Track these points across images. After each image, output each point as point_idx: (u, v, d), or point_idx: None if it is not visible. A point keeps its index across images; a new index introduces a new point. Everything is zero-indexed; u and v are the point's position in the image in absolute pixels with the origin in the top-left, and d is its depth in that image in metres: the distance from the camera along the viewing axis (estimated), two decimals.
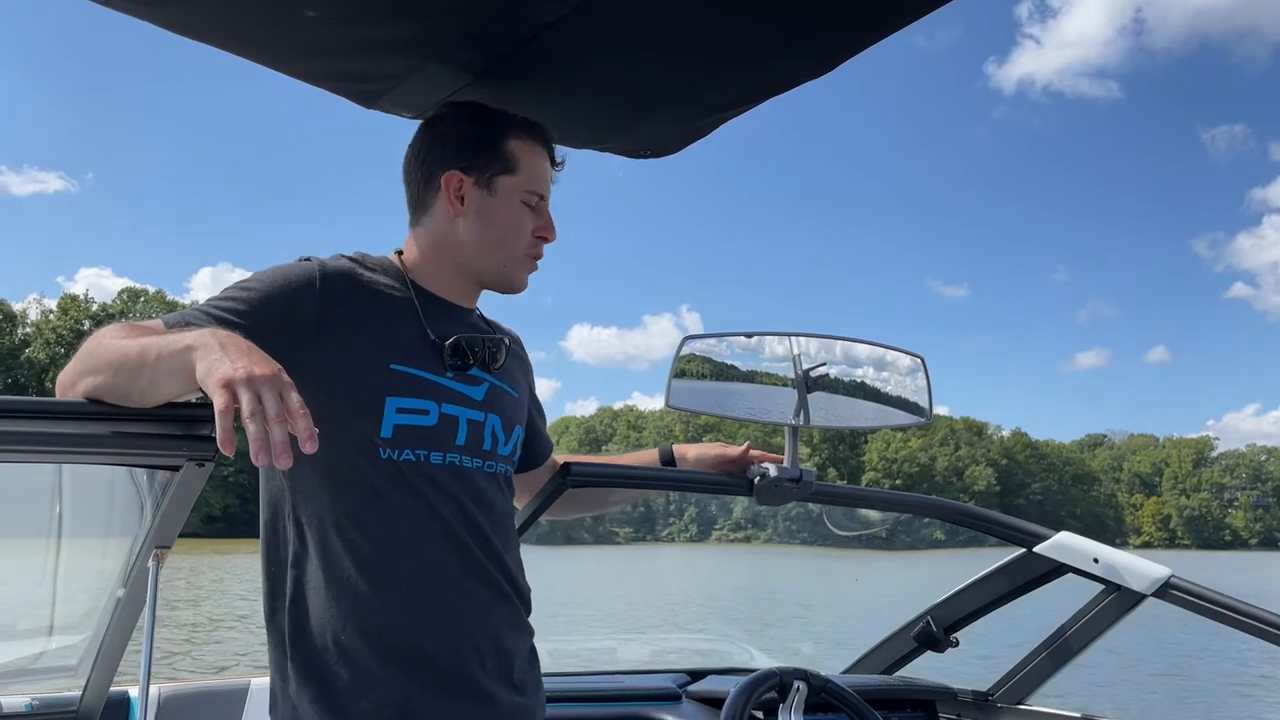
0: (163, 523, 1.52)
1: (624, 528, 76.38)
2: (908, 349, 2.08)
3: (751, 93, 1.80)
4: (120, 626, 1.80)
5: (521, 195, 1.60)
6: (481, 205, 1.59)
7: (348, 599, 1.45)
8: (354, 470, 1.47)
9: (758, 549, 32.80)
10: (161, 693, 2.22)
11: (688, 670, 2.58)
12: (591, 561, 38.68)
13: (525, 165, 1.60)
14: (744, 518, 51.12)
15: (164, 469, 1.42)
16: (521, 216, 1.61)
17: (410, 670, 1.45)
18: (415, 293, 1.57)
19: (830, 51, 1.64)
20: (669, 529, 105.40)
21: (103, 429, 1.31)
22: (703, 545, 33.29)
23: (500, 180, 1.59)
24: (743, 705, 1.83)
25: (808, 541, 26.83)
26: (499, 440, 1.60)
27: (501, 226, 1.60)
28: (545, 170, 1.64)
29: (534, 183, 1.61)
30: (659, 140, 2.00)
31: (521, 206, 1.61)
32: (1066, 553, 2.29)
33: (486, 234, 1.60)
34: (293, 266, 1.52)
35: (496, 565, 1.56)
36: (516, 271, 1.63)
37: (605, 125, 1.94)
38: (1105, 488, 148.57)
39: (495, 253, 1.61)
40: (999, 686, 2.47)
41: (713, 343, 2.02)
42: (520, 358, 1.77)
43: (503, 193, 1.59)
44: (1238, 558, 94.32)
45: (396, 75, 1.70)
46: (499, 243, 1.60)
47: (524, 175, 1.60)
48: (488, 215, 1.59)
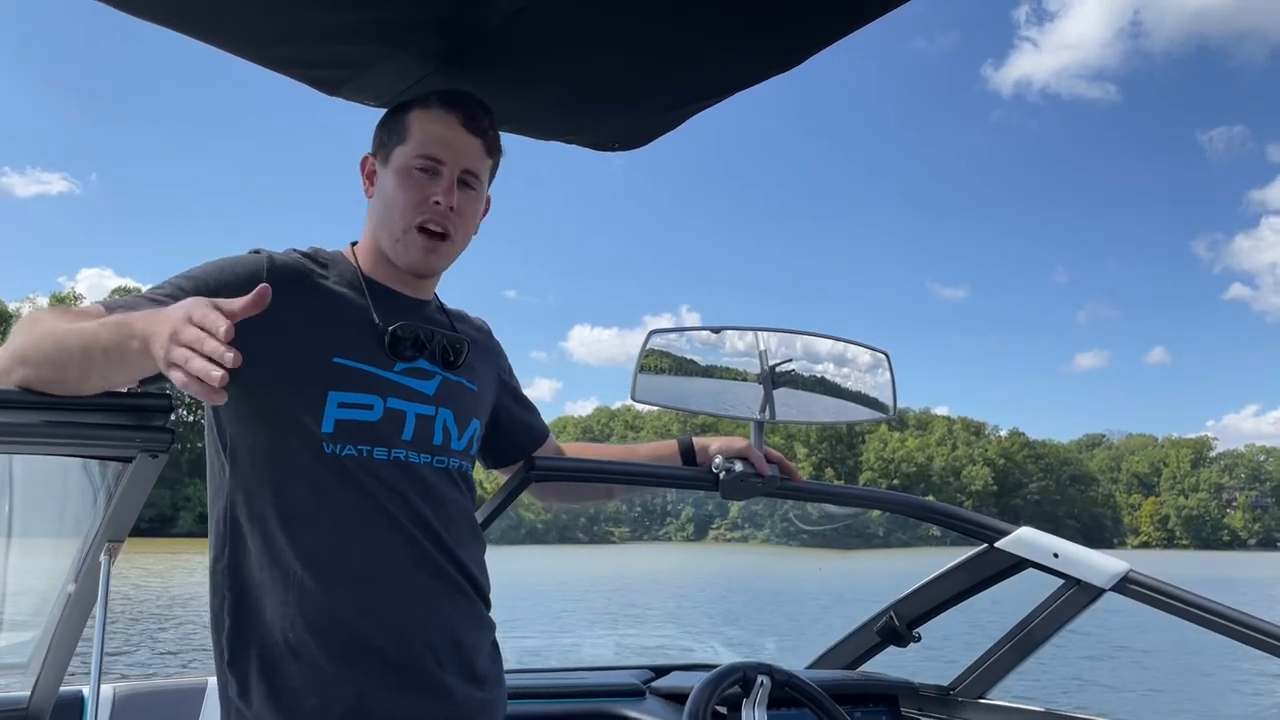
0: (115, 516, 1.50)
1: (619, 527, 76.20)
2: (872, 344, 2.08)
3: (719, 86, 1.79)
4: (71, 623, 1.76)
5: (412, 161, 1.52)
6: (381, 182, 1.55)
7: (294, 595, 1.43)
8: (297, 465, 1.44)
9: (754, 549, 32.85)
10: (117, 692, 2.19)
11: (652, 666, 2.57)
12: (589, 559, 38.65)
13: (418, 131, 1.53)
14: (740, 518, 51.50)
15: (116, 460, 1.40)
16: (406, 184, 1.52)
17: (362, 666, 1.43)
18: (365, 285, 1.54)
19: (797, 45, 1.64)
20: (666, 528, 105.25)
21: (53, 419, 1.28)
22: (700, 545, 33.38)
23: (395, 152, 1.54)
24: (706, 700, 1.83)
25: (807, 543, 26.92)
26: (451, 435, 1.56)
27: (388, 197, 1.54)
28: (444, 134, 1.53)
29: (426, 146, 1.52)
30: (626, 133, 1.99)
31: (410, 174, 1.52)
32: (1027, 548, 2.31)
33: (377, 208, 1.56)
34: (241, 258, 1.49)
35: (449, 559, 1.53)
36: (407, 247, 1.53)
37: (572, 117, 1.92)
38: (1103, 488, 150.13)
39: (387, 228, 1.54)
40: (960, 681, 2.49)
41: (678, 337, 2.01)
42: (486, 348, 1.74)
43: (394, 163, 1.54)
44: (1235, 558, 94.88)
45: (359, 63, 1.67)
46: (386, 215, 1.54)
47: (414, 141, 1.52)
48: (382, 190, 1.55)
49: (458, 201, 1.53)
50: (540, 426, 1.87)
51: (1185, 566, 52.09)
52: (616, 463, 1.98)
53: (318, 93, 1.77)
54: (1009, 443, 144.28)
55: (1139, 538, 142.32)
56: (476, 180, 1.57)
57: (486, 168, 1.60)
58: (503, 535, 2.07)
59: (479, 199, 1.59)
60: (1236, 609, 2.04)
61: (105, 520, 1.51)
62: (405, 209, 1.52)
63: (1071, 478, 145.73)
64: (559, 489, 1.97)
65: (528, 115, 1.87)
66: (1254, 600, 23.90)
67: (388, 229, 1.54)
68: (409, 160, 1.52)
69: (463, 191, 1.54)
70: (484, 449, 1.76)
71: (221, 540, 1.48)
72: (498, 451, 1.82)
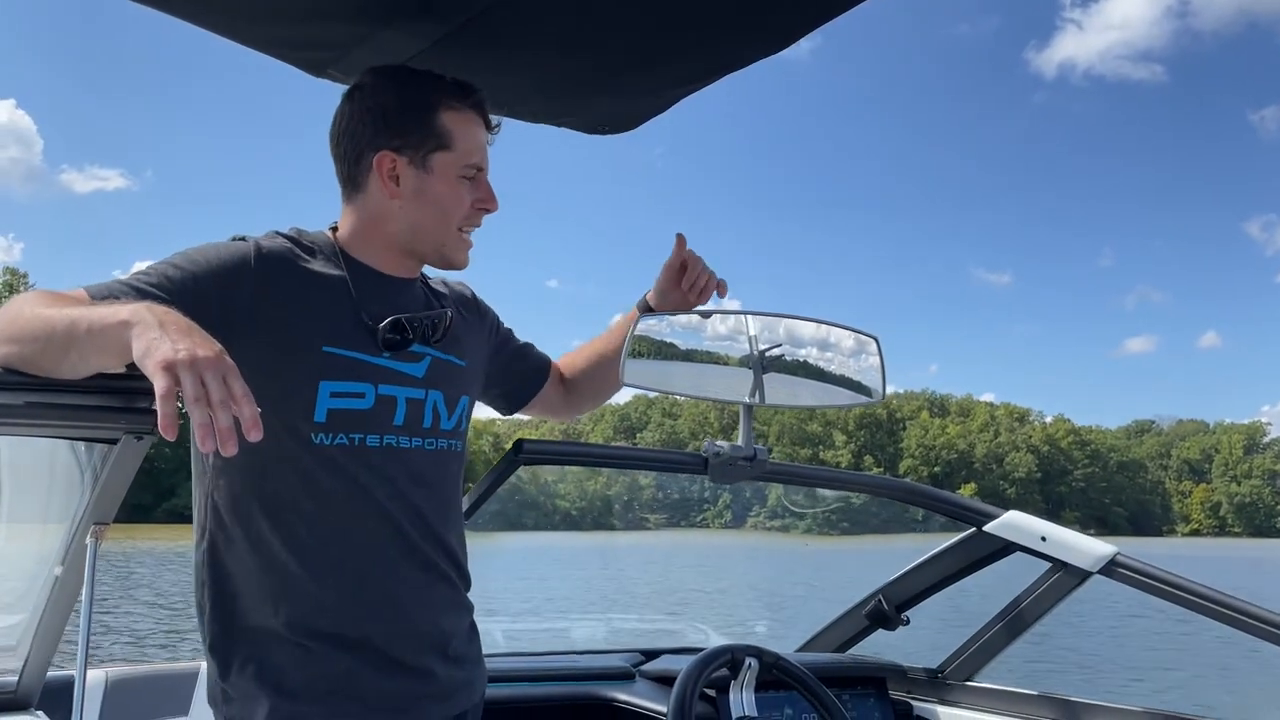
0: (100, 498, 1.49)
1: (655, 514, 75.87)
2: (861, 328, 2.08)
3: (708, 68, 1.79)
4: (59, 605, 1.76)
5: (459, 170, 1.53)
6: (419, 186, 1.52)
7: (280, 584, 1.43)
8: (285, 455, 1.43)
9: (795, 539, 32.46)
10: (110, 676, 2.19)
11: (642, 650, 2.58)
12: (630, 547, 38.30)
13: (461, 138, 1.52)
14: (779, 506, 51.39)
15: (101, 441, 1.39)
16: (460, 194, 1.54)
17: (348, 650, 1.44)
18: (350, 270, 1.53)
19: (786, 27, 1.63)
20: (703, 514, 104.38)
21: (37, 400, 1.27)
22: (738, 533, 32.93)
23: (436, 158, 1.51)
24: (694, 682, 1.83)
25: (849, 531, 26.33)
26: (441, 416, 1.56)
27: (440, 207, 1.53)
28: (481, 140, 1.56)
29: (472, 155, 1.54)
30: (615, 116, 1.99)
31: (460, 182, 1.54)
32: (1015, 531, 2.32)
33: (424, 215, 1.53)
34: (227, 245, 1.47)
35: (434, 546, 1.54)
36: (456, 250, 1.58)
37: (561, 99, 1.91)
38: (1152, 475, 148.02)
39: (435, 233, 1.55)
40: (949, 663, 2.50)
41: (669, 320, 2.01)
42: (471, 314, 1.73)
43: (439, 171, 1.52)
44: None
45: (345, 42, 1.66)
46: (438, 223, 1.54)
47: (460, 149, 1.52)
48: (425, 196, 1.52)
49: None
50: (540, 368, 1.89)
51: (1238, 554, 50.88)
52: (606, 447, 2.00)
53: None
54: (1054, 429, 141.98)
55: (1189, 525, 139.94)
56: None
57: None
58: (538, 522, 2.07)
59: None
60: (1224, 592, 2.05)
61: (91, 502, 1.51)
62: (460, 217, 1.55)
63: (1119, 465, 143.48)
64: (569, 398, 1.95)
65: (516, 98, 1.86)
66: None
67: (435, 234, 1.55)
68: (459, 170, 1.53)
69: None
70: (496, 401, 1.85)
71: (205, 528, 1.48)
72: (509, 400, 1.88)
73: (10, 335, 1.25)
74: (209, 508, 1.47)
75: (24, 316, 1.25)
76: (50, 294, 1.30)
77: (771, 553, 31.33)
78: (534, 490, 57.34)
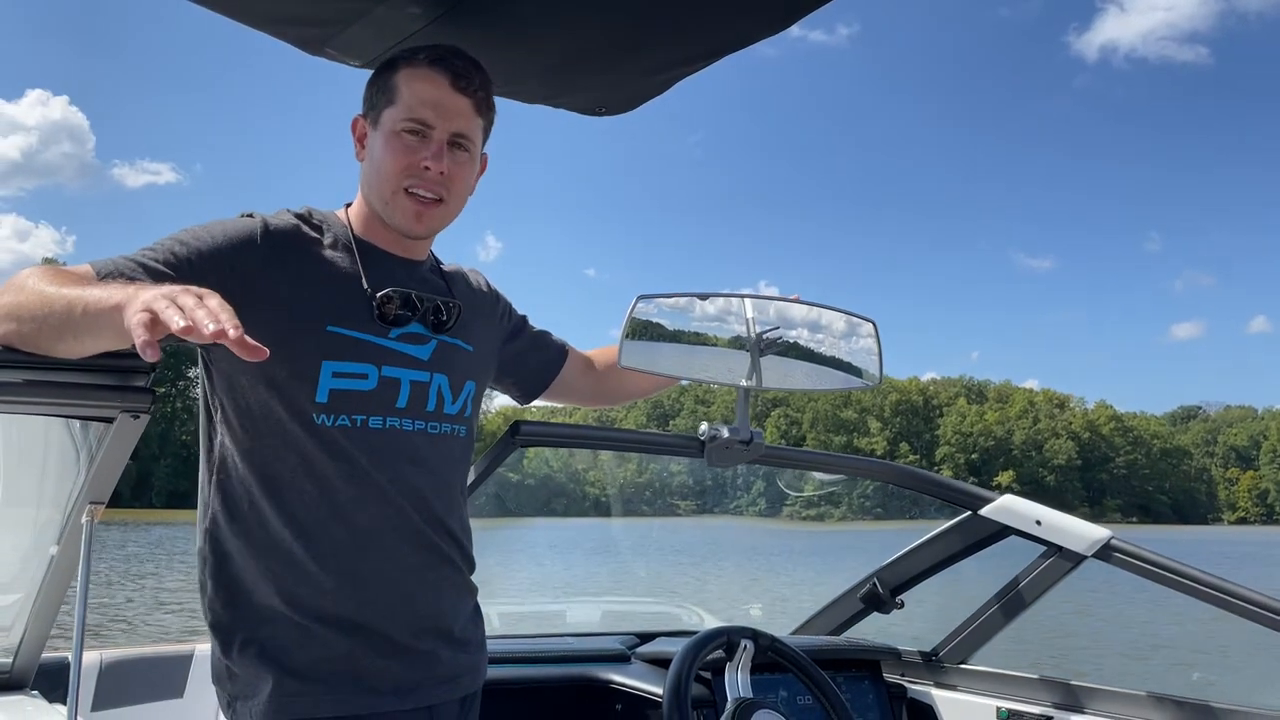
0: (97, 477, 1.49)
1: (685, 500, 75.68)
2: (859, 313, 2.08)
3: (707, 49, 1.78)
4: (54, 585, 1.76)
5: (400, 125, 1.48)
6: (371, 144, 1.52)
7: (281, 564, 1.43)
8: (288, 435, 1.43)
9: (832, 528, 32.35)
10: (104, 659, 2.20)
11: (638, 633, 2.59)
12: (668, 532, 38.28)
13: (407, 93, 1.48)
14: (815, 495, 50.74)
15: (97, 420, 1.38)
16: (395, 148, 1.48)
17: (347, 633, 1.44)
18: (358, 248, 1.52)
19: (785, 7, 1.62)
20: (736, 502, 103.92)
21: (33, 378, 1.27)
22: (773, 521, 32.93)
23: (385, 114, 1.50)
24: (690, 663, 1.84)
25: (881, 517, 26.01)
26: (445, 400, 1.55)
27: (378, 161, 1.50)
28: (433, 96, 1.48)
29: (414, 110, 1.47)
30: (613, 97, 1.97)
31: (398, 137, 1.48)
32: (1010, 515, 2.32)
33: (369, 172, 1.52)
34: (234, 222, 1.46)
35: (436, 529, 1.53)
36: (396, 210, 1.50)
37: (557, 80, 1.90)
38: (1197, 462, 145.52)
39: (377, 191, 1.51)
40: (943, 646, 2.51)
41: (666, 302, 2.00)
42: (483, 301, 1.72)
43: (384, 126, 1.50)
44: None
45: (342, 19, 1.65)
46: (378, 180, 1.50)
47: (403, 104, 1.48)
48: (372, 154, 1.52)
49: (448, 165, 1.49)
50: (554, 357, 1.90)
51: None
52: (604, 429, 2.00)
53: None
54: (1095, 415, 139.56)
55: (1236, 513, 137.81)
56: (468, 141, 1.53)
57: (478, 128, 1.55)
58: (567, 508, 2.08)
59: (472, 160, 1.55)
60: (1217, 575, 2.06)
61: (87, 482, 1.50)
62: (393, 174, 1.48)
63: (1163, 452, 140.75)
64: (601, 388, 1.99)
65: (513, 78, 1.84)
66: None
67: (378, 193, 1.51)
68: (397, 124, 1.48)
69: (453, 154, 1.50)
70: (511, 389, 1.85)
71: (209, 506, 1.48)
72: (523, 389, 1.88)
73: (9, 312, 1.25)
74: (213, 486, 1.47)
75: (25, 291, 1.24)
76: (55, 270, 1.29)
77: (809, 537, 31.25)
78: (564, 478, 57.89)
